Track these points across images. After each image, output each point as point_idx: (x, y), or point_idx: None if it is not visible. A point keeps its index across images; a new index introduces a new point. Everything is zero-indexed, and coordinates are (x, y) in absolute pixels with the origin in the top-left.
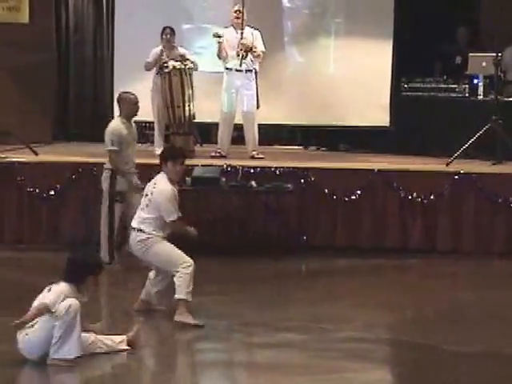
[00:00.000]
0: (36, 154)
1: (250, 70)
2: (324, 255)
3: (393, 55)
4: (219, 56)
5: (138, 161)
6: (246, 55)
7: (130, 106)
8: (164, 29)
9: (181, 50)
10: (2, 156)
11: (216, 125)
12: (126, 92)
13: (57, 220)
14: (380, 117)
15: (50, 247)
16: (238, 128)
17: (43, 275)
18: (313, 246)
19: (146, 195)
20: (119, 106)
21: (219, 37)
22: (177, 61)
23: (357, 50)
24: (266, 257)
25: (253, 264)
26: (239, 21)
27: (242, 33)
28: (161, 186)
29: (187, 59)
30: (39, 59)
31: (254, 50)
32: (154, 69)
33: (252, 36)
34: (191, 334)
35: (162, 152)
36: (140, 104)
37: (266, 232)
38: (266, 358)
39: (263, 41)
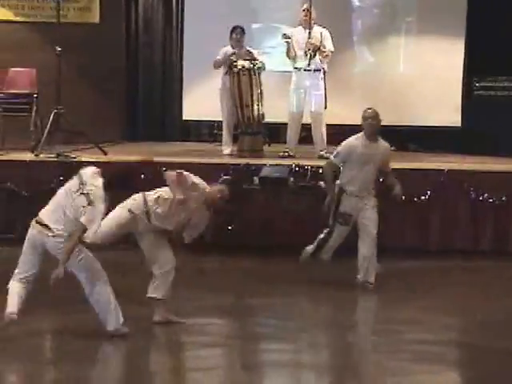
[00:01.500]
0: (105, 153)
1: (319, 70)
2: (393, 256)
3: (465, 54)
4: (288, 56)
5: (203, 161)
6: (314, 55)
7: (364, 121)
8: (234, 28)
9: (250, 50)
10: (73, 156)
11: (284, 124)
12: (369, 108)
13: None
14: (451, 116)
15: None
16: (307, 128)
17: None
18: (382, 246)
19: None
20: None
21: (288, 38)
22: (246, 60)
23: (428, 48)
24: (335, 257)
25: (321, 266)
26: (307, 19)
27: (309, 32)
28: None
29: (256, 59)
30: (109, 59)
31: (322, 49)
32: (223, 68)
33: (321, 35)
34: (258, 333)
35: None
36: (209, 103)
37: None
38: (333, 360)
39: (332, 40)
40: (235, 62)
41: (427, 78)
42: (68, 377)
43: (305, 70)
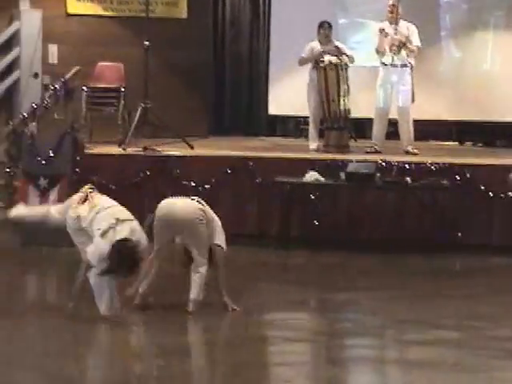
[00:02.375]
0: (192, 147)
1: (406, 65)
2: (480, 253)
3: None
4: (378, 51)
5: (290, 156)
6: (399, 51)
7: None
8: (322, 23)
9: (337, 45)
10: (159, 149)
11: (370, 120)
12: None
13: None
14: None
15: None
16: (393, 123)
17: None
18: (468, 243)
19: None
20: None
21: (385, 33)
22: (333, 55)
23: None
24: (420, 253)
25: (407, 260)
26: (394, 15)
27: (395, 28)
28: None
29: (343, 53)
30: (197, 54)
31: (408, 45)
32: (310, 63)
33: (407, 31)
34: (344, 328)
35: None
36: (295, 99)
37: (420, 228)
38: (418, 355)
39: (419, 35)
40: (322, 57)
41: None
42: (153, 371)
43: (391, 66)
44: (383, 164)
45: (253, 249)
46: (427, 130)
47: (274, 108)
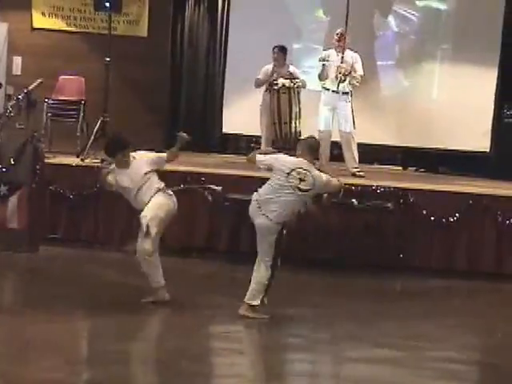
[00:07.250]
0: None
1: (346, 92)
2: (420, 275)
3: (497, 82)
4: (320, 78)
5: (240, 172)
6: (345, 79)
7: None
8: (274, 47)
9: (291, 69)
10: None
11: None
12: None
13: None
14: (481, 142)
15: None
16: (339, 146)
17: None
18: (409, 265)
19: None
20: None
21: (326, 61)
22: (286, 78)
23: (461, 76)
24: (364, 273)
25: (350, 279)
26: (341, 43)
27: (342, 56)
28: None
29: (296, 77)
30: (155, 71)
31: (352, 74)
32: (264, 86)
33: (351, 59)
34: (286, 343)
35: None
36: (249, 119)
37: (364, 249)
38: (354, 372)
39: (363, 64)
40: (276, 79)
41: (459, 103)
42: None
43: (333, 92)
44: None
45: (202, 262)
46: (373, 154)
47: (227, 127)
